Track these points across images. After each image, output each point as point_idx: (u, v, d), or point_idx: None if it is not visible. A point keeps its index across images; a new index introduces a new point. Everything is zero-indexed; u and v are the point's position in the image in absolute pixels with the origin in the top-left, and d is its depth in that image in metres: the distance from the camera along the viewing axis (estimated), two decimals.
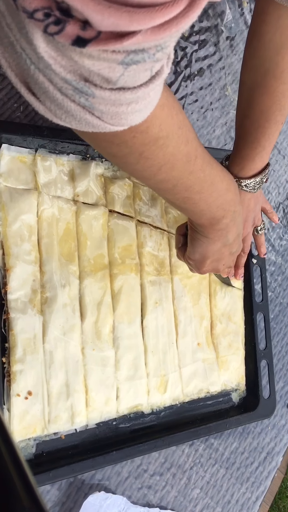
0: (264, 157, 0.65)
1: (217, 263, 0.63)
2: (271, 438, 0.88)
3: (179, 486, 0.77)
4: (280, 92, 0.61)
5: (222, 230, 0.57)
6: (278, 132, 0.64)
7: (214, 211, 0.53)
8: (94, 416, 0.66)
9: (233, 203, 0.56)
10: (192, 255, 0.62)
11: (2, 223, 0.62)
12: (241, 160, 0.65)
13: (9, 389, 0.60)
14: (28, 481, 0.23)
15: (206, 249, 0.60)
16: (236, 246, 0.63)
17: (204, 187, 0.49)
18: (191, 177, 0.47)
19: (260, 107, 0.62)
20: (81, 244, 0.67)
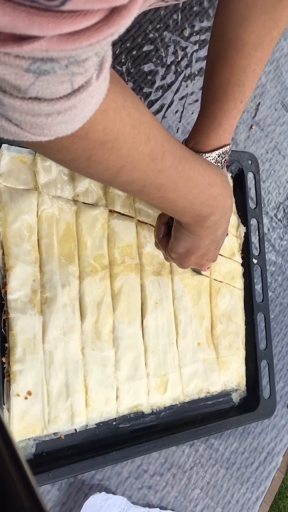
0: (220, 135, 0.61)
1: (201, 258, 0.60)
2: (272, 438, 0.88)
3: (180, 487, 0.77)
4: (239, 67, 0.57)
5: (210, 227, 0.53)
6: (236, 110, 0.60)
7: (199, 209, 0.50)
8: (94, 416, 0.65)
9: (221, 198, 0.52)
10: (175, 249, 0.58)
11: (2, 223, 0.62)
12: (196, 134, 0.62)
13: (8, 389, 0.60)
14: (28, 481, 0.23)
15: (192, 245, 0.56)
16: (223, 240, 0.60)
17: (179, 184, 0.46)
18: (161, 175, 0.44)
19: (220, 80, 0.58)
20: (81, 244, 0.67)
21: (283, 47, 0.96)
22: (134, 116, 0.38)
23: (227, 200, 0.53)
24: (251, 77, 0.59)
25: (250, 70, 0.58)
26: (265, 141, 0.95)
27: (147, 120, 0.40)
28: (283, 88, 0.97)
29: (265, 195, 0.95)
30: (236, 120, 0.61)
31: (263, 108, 0.94)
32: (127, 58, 0.78)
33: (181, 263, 0.61)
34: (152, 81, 0.81)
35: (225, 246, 0.82)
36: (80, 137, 0.35)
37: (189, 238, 0.55)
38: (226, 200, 0.53)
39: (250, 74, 0.58)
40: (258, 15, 0.55)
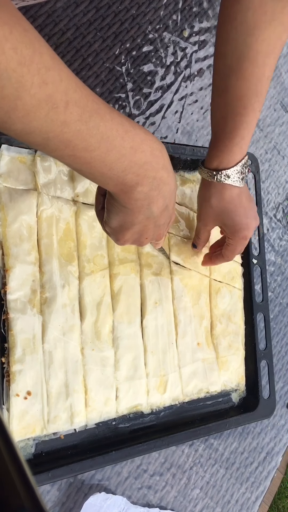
0: (243, 148, 0.61)
1: (139, 235, 0.55)
2: (271, 438, 0.88)
3: (179, 486, 0.77)
4: (255, 77, 0.57)
5: (141, 200, 0.48)
6: (255, 120, 0.60)
7: (121, 176, 0.45)
8: (94, 416, 0.66)
9: (150, 167, 0.46)
10: (109, 223, 0.53)
11: (1, 224, 0.62)
12: (220, 153, 0.61)
13: (8, 389, 0.60)
14: (28, 481, 0.23)
15: (124, 219, 0.51)
16: (164, 218, 0.54)
17: (91, 143, 0.41)
18: (67, 129, 0.39)
19: (237, 94, 0.58)
20: (81, 244, 0.67)
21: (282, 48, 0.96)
22: (22, 53, 0.34)
23: (159, 171, 0.48)
24: (266, 85, 0.59)
25: (265, 78, 0.58)
26: (265, 141, 0.95)
27: (44, 61, 0.35)
28: (282, 89, 0.97)
29: (264, 195, 0.95)
30: (254, 128, 0.61)
31: (263, 108, 0.94)
32: (126, 59, 0.78)
33: (116, 239, 0.55)
34: (151, 81, 0.81)
35: None
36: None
37: (121, 212, 0.50)
38: (157, 171, 0.47)
39: (265, 82, 0.59)
40: (268, 22, 0.55)
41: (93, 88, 0.75)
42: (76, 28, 0.74)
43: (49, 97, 0.36)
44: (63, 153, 0.41)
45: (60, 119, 0.38)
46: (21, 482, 0.23)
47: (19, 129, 0.38)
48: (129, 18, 0.79)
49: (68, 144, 0.40)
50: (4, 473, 0.23)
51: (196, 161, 0.79)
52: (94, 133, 0.41)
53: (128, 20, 0.79)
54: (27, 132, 0.38)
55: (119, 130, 0.43)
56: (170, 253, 0.75)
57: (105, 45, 0.76)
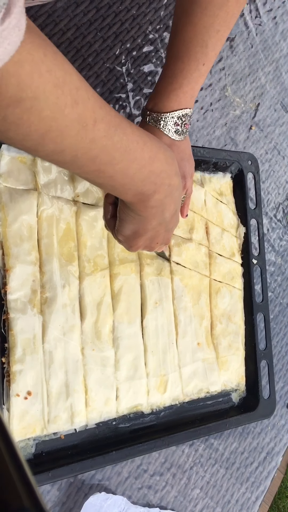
0: (180, 97, 0.58)
1: (150, 241, 0.56)
2: (271, 438, 0.88)
3: (179, 486, 0.77)
4: (203, 25, 0.56)
5: (156, 207, 0.49)
6: (198, 73, 0.58)
7: (140, 186, 0.46)
8: (94, 416, 0.66)
9: (165, 175, 0.48)
10: (122, 231, 0.54)
11: (2, 224, 0.62)
12: (157, 95, 0.59)
13: (8, 389, 0.60)
14: (28, 481, 0.23)
15: (138, 227, 0.52)
16: (173, 222, 0.56)
17: (115, 157, 0.42)
18: (94, 146, 0.40)
19: (183, 37, 0.57)
20: (81, 244, 0.67)
21: (282, 48, 0.96)
22: (56, 74, 0.35)
23: (173, 178, 0.49)
24: (215, 38, 0.57)
25: (213, 30, 0.56)
26: (265, 141, 0.95)
27: (74, 81, 0.36)
28: (283, 89, 0.97)
29: (264, 195, 0.95)
30: (198, 85, 0.59)
31: (263, 108, 0.94)
32: (127, 59, 0.78)
33: (129, 246, 0.57)
34: (152, 81, 0.81)
35: (225, 246, 0.82)
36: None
37: (135, 219, 0.51)
38: (172, 178, 0.49)
39: (214, 35, 0.57)
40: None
41: (94, 88, 0.75)
42: (77, 28, 0.74)
43: (80, 116, 0.37)
44: (89, 169, 0.42)
45: (89, 136, 0.39)
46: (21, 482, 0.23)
47: (50, 150, 0.38)
48: (130, 18, 0.79)
49: (94, 160, 0.41)
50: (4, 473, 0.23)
51: (196, 161, 0.79)
52: (118, 147, 0.42)
53: (129, 20, 0.79)
54: (58, 152, 0.39)
55: (139, 142, 0.44)
56: (170, 253, 0.75)
57: (106, 45, 0.76)
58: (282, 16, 0.96)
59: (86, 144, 0.39)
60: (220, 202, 0.83)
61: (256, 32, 0.93)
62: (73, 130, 0.37)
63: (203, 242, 0.79)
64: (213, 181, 0.82)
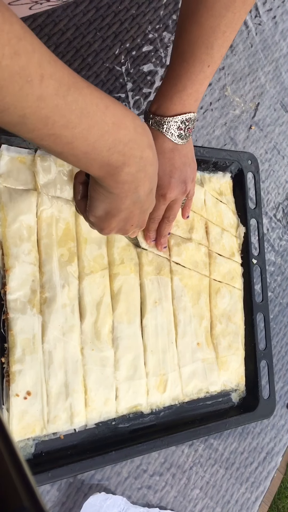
0: (184, 100, 0.57)
1: (124, 223, 0.52)
2: (271, 438, 0.88)
3: (179, 486, 0.77)
4: (209, 26, 0.55)
5: (128, 183, 0.45)
6: (203, 75, 0.57)
7: (106, 155, 0.42)
8: (93, 416, 0.66)
9: (136, 146, 0.44)
10: (93, 211, 0.50)
11: (1, 224, 0.62)
12: (160, 97, 0.58)
13: (8, 389, 0.60)
14: (28, 481, 0.23)
15: (111, 206, 0.48)
16: (149, 203, 0.52)
17: (71, 119, 0.38)
18: (43, 104, 0.36)
19: (188, 38, 0.56)
20: (81, 244, 0.67)
21: (282, 48, 0.96)
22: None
23: (144, 150, 0.45)
24: (221, 40, 0.57)
25: (219, 31, 0.56)
26: (264, 141, 0.95)
27: (15, 30, 0.33)
28: (282, 89, 0.97)
29: (264, 195, 0.95)
30: (203, 87, 0.58)
31: (262, 108, 0.94)
32: (126, 59, 0.78)
33: (101, 228, 0.52)
34: (151, 81, 0.81)
35: (224, 246, 0.82)
36: None
37: (107, 198, 0.47)
38: (143, 150, 0.45)
39: (220, 36, 0.56)
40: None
41: None
42: (76, 28, 0.74)
43: (22, 69, 0.34)
44: (42, 132, 0.38)
45: (36, 93, 0.36)
46: (21, 482, 0.23)
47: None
48: (129, 18, 0.79)
49: (46, 121, 0.37)
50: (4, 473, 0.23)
51: (196, 160, 0.79)
52: (74, 108, 0.38)
53: (128, 20, 0.78)
54: (1, 111, 0.36)
55: (99, 104, 0.40)
56: (170, 253, 0.75)
57: (105, 45, 0.76)
58: (281, 16, 0.96)
59: (33, 102, 0.36)
60: (220, 202, 0.83)
61: (256, 32, 0.93)
62: (15, 85, 0.34)
63: (202, 242, 0.79)
64: (213, 181, 0.82)
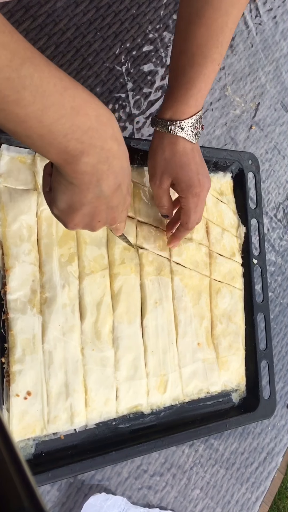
0: (199, 101, 0.58)
1: (90, 218, 0.49)
2: (271, 438, 0.88)
3: (179, 487, 0.77)
4: (218, 26, 0.55)
5: (89, 174, 0.43)
6: (214, 73, 0.58)
7: (63, 141, 0.40)
8: (94, 416, 0.65)
9: (97, 135, 0.41)
10: (56, 203, 0.48)
11: (1, 224, 0.62)
12: (175, 103, 0.58)
13: (8, 389, 0.60)
14: (27, 481, 0.23)
15: (72, 199, 0.46)
16: (117, 200, 0.49)
17: (24, 96, 0.36)
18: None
19: (197, 42, 0.56)
20: (81, 244, 0.67)
21: (282, 47, 0.96)
22: None
23: (107, 141, 0.43)
24: (228, 37, 0.57)
25: (227, 29, 0.56)
26: (265, 141, 0.95)
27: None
28: (283, 88, 0.97)
29: (264, 195, 0.95)
30: (212, 82, 0.58)
31: (263, 108, 0.94)
32: (126, 58, 0.78)
33: (66, 222, 0.50)
34: (151, 81, 0.81)
35: (225, 246, 0.82)
36: None
37: (68, 189, 0.45)
38: (106, 141, 0.42)
39: (228, 34, 0.57)
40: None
41: (93, 88, 0.75)
42: (76, 28, 0.74)
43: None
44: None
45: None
46: (21, 482, 0.22)
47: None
48: (129, 18, 0.79)
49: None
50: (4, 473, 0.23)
51: None
52: (28, 83, 0.36)
53: (128, 19, 0.78)
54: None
55: (57, 85, 0.38)
56: (171, 253, 0.75)
57: (105, 45, 0.76)
58: (282, 16, 0.96)
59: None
60: (221, 202, 0.83)
61: (256, 32, 0.93)
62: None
63: (203, 242, 0.79)
64: (214, 181, 0.82)
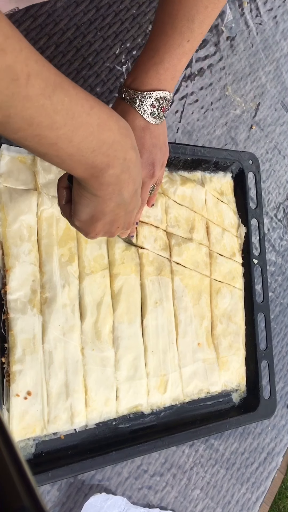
0: (160, 74, 0.55)
1: (110, 225, 0.51)
2: (271, 438, 0.88)
3: (180, 487, 0.77)
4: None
5: (112, 185, 0.45)
6: (182, 50, 0.55)
7: (91, 157, 0.42)
8: (94, 416, 0.65)
9: (120, 147, 0.44)
10: (78, 216, 0.49)
11: (1, 224, 0.62)
12: (136, 69, 0.56)
13: (8, 389, 0.60)
14: (28, 481, 0.23)
15: (95, 210, 0.48)
16: (134, 204, 0.51)
17: (56, 120, 0.38)
18: (29, 104, 0.36)
19: (169, 10, 0.55)
20: (81, 244, 0.67)
21: (283, 47, 0.96)
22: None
23: (128, 151, 0.45)
24: (202, 14, 0.56)
25: (202, 5, 0.55)
26: (265, 141, 0.95)
27: (2, 28, 0.33)
28: (283, 88, 0.97)
29: (265, 195, 0.94)
30: (181, 64, 0.57)
31: (263, 108, 0.94)
32: (127, 58, 0.78)
33: (87, 232, 0.52)
34: None
35: (225, 246, 0.82)
36: None
37: (91, 201, 0.47)
38: (127, 151, 0.44)
39: (202, 11, 0.55)
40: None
41: (94, 88, 0.75)
42: (77, 28, 0.74)
43: (9, 68, 0.33)
44: (27, 133, 0.38)
45: (22, 92, 0.35)
46: (21, 482, 0.22)
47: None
48: (130, 18, 0.79)
49: (31, 122, 0.37)
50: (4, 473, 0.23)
51: (197, 160, 0.79)
52: (59, 108, 0.37)
53: (129, 19, 0.78)
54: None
55: (85, 105, 0.40)
56: (171, 253, 0.75)
57: (106, 45, 0.76)
58: (282, 16, 0.96)
59: (19, 102, 0.35)
60: (221, 202, 0.83)
61: (257, 32, 0.93)
62: (1, 84, 0.34)
63: (203, 242, 0.79)
64: (214, 181, 0.82)
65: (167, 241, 0.75)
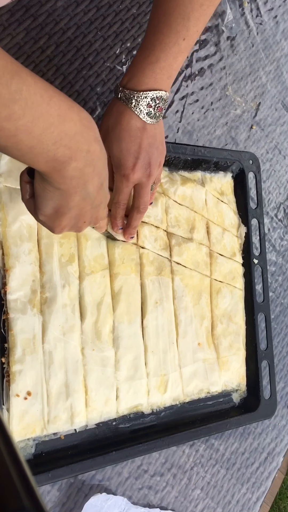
0: (156, 73, 0.55)
1: (76, 220, 0.50)
2: (272, 438, 0.88)
3: (180, 487, 0.77)
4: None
5: (76, 178, 0.44)
6: (177, 48, 0.55)
7: (52, 150, 0.40)
8: (94, 416, 0.65)
9: (82, 139, 0.42)
10: (42, 210, 0.48)
11: (1, 223, 0.62)
12: (132, 69, 0.56)
13: (8, 389, 0.60)
14: (28, 481, 0.23)
15: (59, 203, 0.46)
16: (100, 198, 0.50)
17: (15, 110, 0.36)
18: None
19: (164, 7, 0.54)
20: (81, 244, 0.67)
21: (283, 47, 0.96)
22: None
23: (91, 144, 0.43)
24: (197, 12, 0.55)
25: (197, 3, 0.55)
26: (266, 141, 0.95)
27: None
28: (284, 88, 0.97)
29: (265, 195, 0.94)
30: (177, 63, 0.56)
31: (264, 108, 0.94)
32: (127, 58, 0.78)
33: (52, 227, 0.50)
34: None
35: (226, 246, 0.81)
36: None
37: (54, 195, 0.45)
38: (90, 143, 0.43)
39: (197, 8, 0.55)
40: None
41: (94, 87, 0.75)
42: (77, 27, 0.74)
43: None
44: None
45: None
46: (21, 482, 0.22)
47: None
48: (130, 17, 0.78)
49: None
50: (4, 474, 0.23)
51: (197, 160, 0.79)
52: (17, 98, 0.36)
53: (129, 19, 0.78)
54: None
55: (44, 95, 0.38)
56: (171, 253, 0.75)
57: (106, 44, 0.76)
58: (283, 15, 0.96)
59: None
60: (221, 202, 0.83)
61: (257, 31, 0.93)
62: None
63: (204, 242, 0.79)
64: (214, 181, 0.82)
65: (167, 241, 0.75)
